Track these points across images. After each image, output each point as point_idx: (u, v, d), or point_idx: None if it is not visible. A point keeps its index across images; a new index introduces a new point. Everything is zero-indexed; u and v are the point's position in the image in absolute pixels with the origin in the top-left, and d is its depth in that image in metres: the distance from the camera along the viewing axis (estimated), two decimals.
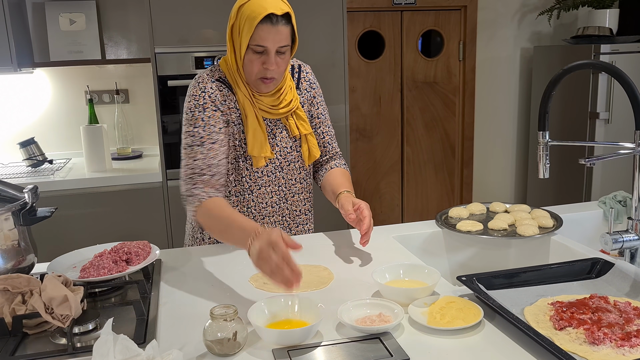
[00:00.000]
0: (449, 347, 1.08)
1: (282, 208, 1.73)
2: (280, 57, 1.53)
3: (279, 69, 1.54)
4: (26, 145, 3.00)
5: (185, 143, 1.60)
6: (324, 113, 1.78)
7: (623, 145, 1.45)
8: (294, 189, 1.74)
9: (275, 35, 1.48)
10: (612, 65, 1.42)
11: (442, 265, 1.74)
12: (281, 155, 1.69)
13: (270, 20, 1.47)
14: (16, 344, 1.12)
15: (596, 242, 1.69)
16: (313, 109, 1.75)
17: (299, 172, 1.73)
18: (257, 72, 1.54)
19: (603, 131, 3.54)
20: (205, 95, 1.59)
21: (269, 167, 1.67)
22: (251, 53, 1.52)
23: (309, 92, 1.74)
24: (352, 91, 3.87)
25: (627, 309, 1.15)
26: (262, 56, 1.52)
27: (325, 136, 1.78)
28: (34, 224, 1.42)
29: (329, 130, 1.79)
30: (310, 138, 1.71)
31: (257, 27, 1.47)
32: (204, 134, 1.57)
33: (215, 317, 1.07)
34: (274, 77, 1.56)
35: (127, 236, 1.97)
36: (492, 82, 4.13)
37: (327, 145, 1.79)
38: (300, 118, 1.69)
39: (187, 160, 1.58)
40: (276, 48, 1.50)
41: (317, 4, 2.88)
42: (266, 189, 1.69)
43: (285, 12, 1.49)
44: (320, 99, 1.78)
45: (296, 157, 1.71)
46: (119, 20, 3.28)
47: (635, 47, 3.52)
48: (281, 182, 1.71)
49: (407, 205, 4.19)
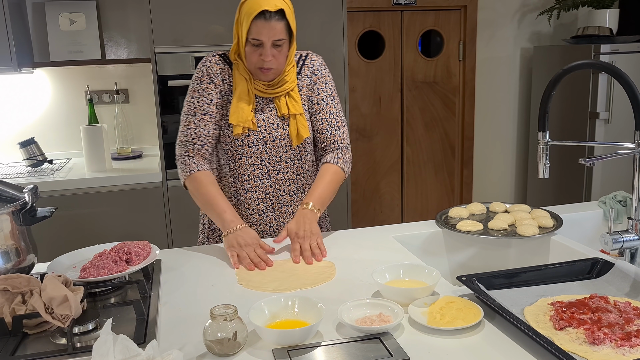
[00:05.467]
0: (449, 347, 1.08)
1: (265, 184, 1.77)
2: (277, 50, 1.65)
3: (276, 61, 1.67)
4: (26, 145, 3.00)
5: (183, 111, 1.76)
6: (327, 100, 1.79)
7: (623, 145, 1.45)
8: (278, 167, 1.77)
9: (269, 30, 1.61)
10: (612, 65, 1.42)
11: (442, 265, 1.73)
12: (265, 130, 1.74)
13: (264, 16, 1.60)
14: (16, 344, 1.12)
15: (596, 242, 1.69)
16: (313, 95, 1.79)
17: (285, 151, 1.76)
18: (255, 62, 1.67)
19: (603, 131, 3.54)
20: (204, 69, 1.75)
21: (251, 137, 1.73)
22: (250, 45, 1.66)
23: (310, 77, 1.79)
24: (352, 91, 3.87)
25: (627, 309, 1.15)
26: (259, 48, 1.65)
27: (323, 122, 1.78)
28: (34, 224, 1.42)
29: (330, 117, 1.78)
30: (300, 118, 1.74)
31: (252, 22, 1.61)
32: (197, 105, 1.73)
33: (215, 317, 1.07)
34: (271, 68, 1.67)
35: (127, 236, 1.97)
36: (492, 82, 4.13)
37: (325, 132, 1.78)
38: (293, 99, 1.74)
39: (182, 127, 1.75)
40: (271, 41, 1.63)
41: (317, 4, 2.88)
42: (247, 160, 1.75)
43: (279, 9, 1.61)
44: (324, 86, 1.79)
45: (282, 134, 1.75)
46: (119, 20, 3.28)
47: (635, 47, 3.52)
48: (264, 156, 1.75)
49: (407, 205, 4.19)
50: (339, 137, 1.79)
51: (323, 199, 1.69)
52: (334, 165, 1.74)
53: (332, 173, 1.72)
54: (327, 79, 1.81)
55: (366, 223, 4.04)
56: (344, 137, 1.80)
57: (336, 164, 1.74)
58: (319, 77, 1.79)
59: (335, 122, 1.79)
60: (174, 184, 2.85)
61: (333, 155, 1.76)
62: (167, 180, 2.86)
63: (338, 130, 1.79)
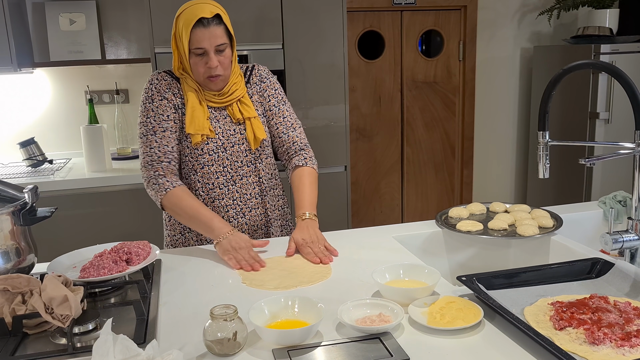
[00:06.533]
0: (449, 347, 1.08)
1: (231, 190, 1.78)
2: (221, 55, 1.67)
3: (221, 66, 1.68)
4: (26, 145, 3.00)
5: (140, 133, 1.74)
6: (278, 105, 1.83)
7: (623, 145, 1.46)
8: (241, 172, 1.78)
9: (209, 36, 1.63)
10: (612, 65, 1.42)
11: (442, 265, 1.74)
12: (224, 137, 1.75)
13: (202, 23, 1.62)
14: (16, 344, 1.12)
15: (596, 242, 1.69)
16: (265, 102, 1.82)
17: (245, 155, 1.78)
18: (203, 72, 1.68)
19: (603, 131, 3.54)
20: (152, 87, 1.75)
21: (210, 145, 1.74)
22: (194, 56, 1.67)
23: (259, 85, 1.83)
24: (352, 91, 3.87)
25: (627, 309, 1.15)
26: (203, 57, 1.66)
27: (279, 126, 1.82)
28: (34, 224, 1.42)
29: (284, 120, 1.82)
30: (255, 121, 1.76)
31: (192, 31, 1.63)
32: (154, 123, 1.72)
33: (215, 317, 1.07)
34: (219, 74, 1.68)
35: (127, 236, 1.97)
36: (492, 82, 4.13)
37: (282, 135, 1.82)
38: (245, 104, 1.76)
39: (144, 149, 1.73)
40: (214, 47, 1.64)
41: (317, 4, 2.88)
42: (209, 168, 1.75)
43: (215, 14, 1.64)
44: (274, 92, 1.83)
45: (240, 139, 1.77)
46: (119, 20, 3.28)
47: (635, 47, 3.52)
48: (226, 162, 1.76)
49: (407, 205, 4.19)
50: (297, 137, 1.84)
51: (314, 204, 1.74)
52: (306, 167, 1.80)
53: (308, 175, 1.78)
54: (276, 85, 1.85)
55: (366, 223, 4.04)
56: (302, 137, 1.85)
57: (306, 165, 1.80)
58: (268, 85, 1.83)
59: (290, 124, 1.83)
60: None
61: (299, 157, 1.82)
62: None
63: (294, 132, 1.83)
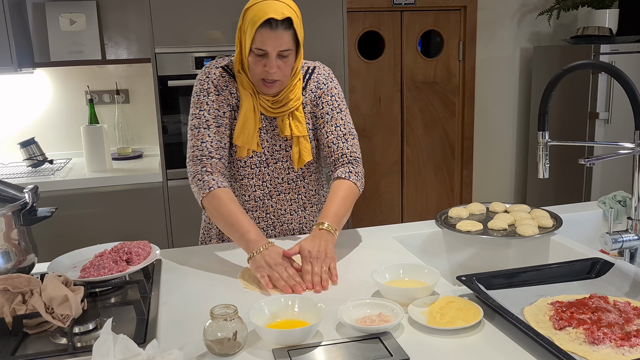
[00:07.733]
0: (449, 347, 1.08)
1: (265, 204, 1.73)
2: (282, 61, 1.55)
3: (281, 72, 1.56)
4: (26, 145, 3.00)
5: (192, 125, 1.64)
6: (332, 113, 1.69)
7: (623, 145, 1.46)
8: (280, 188, 1.73)
9: (274, 39, 1.50)
10: (612, 65, 1.42)
11: (442, 265, 1.74)
12: (268, 152, 1.69)
13: (270, 24, 1.49)
14: (16, 344, 1.12)
15: (596, 242, 1.69)
16: (317, 110, 1.70)
17: (287, 172, 1.72)
18: (259, 74, 1.57)
19: (603, 131, 3.54)
20: (209, 80, 1.65)
21: (254, 159, 1.68)
22: (254, 55, 1.55)
23: (315, 92, 1.70)
24: (352, 91, 3.87)
25: (627, 309, 1.15)
26: (263, 59, 1.54)
27: (329, 135, 1.68)
28: (34, 224, 1.42)
29: (336, 130, 1.68)
30: (303, 141, 1.66)
31: (257, 31, 1.50)
32: (209, 117, 1.62)
33: (215, 316, 1.07)
34: (276, 80, 1.57)
35: (127, 236, 1.97)
36: (492, 82, 4.13)
37: (332, 145, 1.67)
38: (297, 119, 1.66)
39: (194, 142, 1.62)
40: (277, 52, 1.52)
41: (317, 4, 2.88)
42: (249, 181, 1.70)
43: (286, 17, 1.50)
44: (329, 99, 1.70)
45: (284, 156, 1.70)
46: (119, 20, 3.28)
47: (635, 47, 3.52)
48: (266, 178, 1.71)
49: (407, 205, 4.19)
50: (347, 149, 1.67)
51: (339, 218, 1.55)
52: (347, 180, 1.62)
53: (345, 189, 1.60)
54: (334, 91, 1.71)
55: (366, 223, 4.04)
56: (353, 149, 1.68)
57: (348, 179, 1.62)
58: (324, 91, 1.70)
59: (342, 134, 1.68)
60: (174, 184, 2.85)
61: (344, 169, 1.64)
62: (167, 180, 2.86)
63: (346, 143, 1.67)
